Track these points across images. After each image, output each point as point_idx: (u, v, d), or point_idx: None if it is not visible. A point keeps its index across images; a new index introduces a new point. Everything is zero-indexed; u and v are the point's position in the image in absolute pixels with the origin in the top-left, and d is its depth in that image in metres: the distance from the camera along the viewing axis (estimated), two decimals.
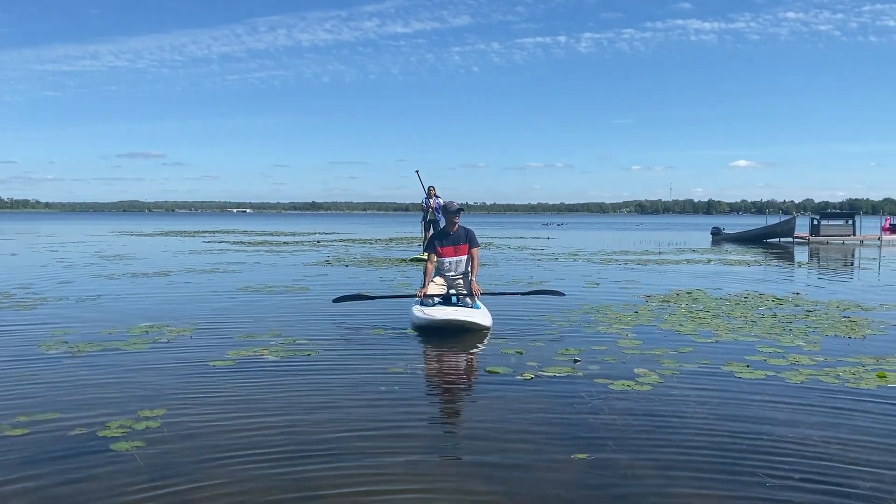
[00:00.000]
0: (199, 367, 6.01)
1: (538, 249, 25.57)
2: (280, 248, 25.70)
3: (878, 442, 4.19)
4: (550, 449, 4.08)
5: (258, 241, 31.58)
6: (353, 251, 23.43)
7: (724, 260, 20.26)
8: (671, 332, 7.72)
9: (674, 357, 6.42)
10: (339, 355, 6.53)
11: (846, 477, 3.65)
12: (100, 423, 4.44)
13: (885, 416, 4.71)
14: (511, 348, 6.82)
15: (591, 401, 5.00)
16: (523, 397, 5.16)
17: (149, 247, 26.32)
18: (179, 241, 30.80)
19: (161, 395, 5.09)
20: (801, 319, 8.69)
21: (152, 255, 21.10)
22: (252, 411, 4.74)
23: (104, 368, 5.96)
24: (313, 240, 33.14)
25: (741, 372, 5.86)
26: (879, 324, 8.38)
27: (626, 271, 16.02)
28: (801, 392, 5.29)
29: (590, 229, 59.60)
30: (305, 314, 8.99)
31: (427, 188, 18.12)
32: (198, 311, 9.18)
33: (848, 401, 5.05)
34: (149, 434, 4.25)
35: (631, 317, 8.83)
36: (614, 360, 6.28)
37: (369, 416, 4.68)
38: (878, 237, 33.87)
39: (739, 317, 8.85)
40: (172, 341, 7.11)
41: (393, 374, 5.78)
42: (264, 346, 6.79)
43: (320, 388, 5.38)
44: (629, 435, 4.30)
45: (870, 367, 6.06)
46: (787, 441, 4.19)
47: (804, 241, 32.52)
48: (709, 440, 4.22)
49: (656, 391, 5.27)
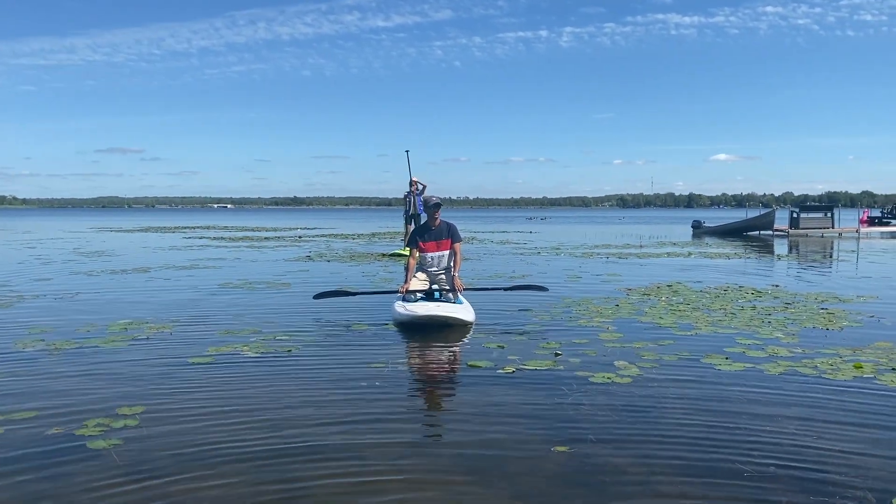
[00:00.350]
0: (179, 364, 5.96)
1: (521, 244, 25.63)
2: (261, 243, 25.56)
3: (854, 432, 4.24)
4: (531, 442, 4.10)
5: (239, 236, 31.39)
6: (335, 246, 23.35)
7: (704, 253, 20.41)
8: (652, 325, 7.77)
9: (654, 349, 6.46)
10: (320, 351, 6.50)
11: (821, 466, 3.69)
12: (77, 421, 4.40)
13: (860, 406, 4.77)
14: (493, 342, 6.83)
15: (572, 394, 5.02)
16: (505, 391, 5.17)
17: (128, 243, 26.08)
18: (159, 238, 30.55)
19: (139, 393, 5.04)
20: (780, 311, 8.77)
21: (131, 252, 20.91)
22: (231, 408, 4.71)
23: (82, 366, 5.90)
24: (295, 235, 32.99)
25: (720, 364, 5.91)
26: (856, 315, 8.48)
27: (608, 265, 16.09)
28: (779, 383, 5.34)
29: (573, 223, 59.82)
30: (286, 310, 8.95)
31: (410, 181, 17.68)
32: (177, 308, 9.11)
33: (825, 392, 5.11)
34: (127, 432, 4.21)
35: (612, 310, 8.87)
36: (595, 353, 6.31)
37: (350, 411, 4.66)
38: (856, 230, 34.28)
39: (719, 309, 8.92)
40: (151, 338, 7.05)
41: (374, 370, 5.77)
42: (244, 343, 6.75)
43: (300, 383, 5.36)
44: (609, 427, 4.32)
45: (847, 358, 6.13)
46: (764, 432, 4.23)
47: (784, 233, 32.83)
48: (688, 432, 4.25)
49: (636, 383, 5.30)
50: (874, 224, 38.94)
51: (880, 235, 34.35)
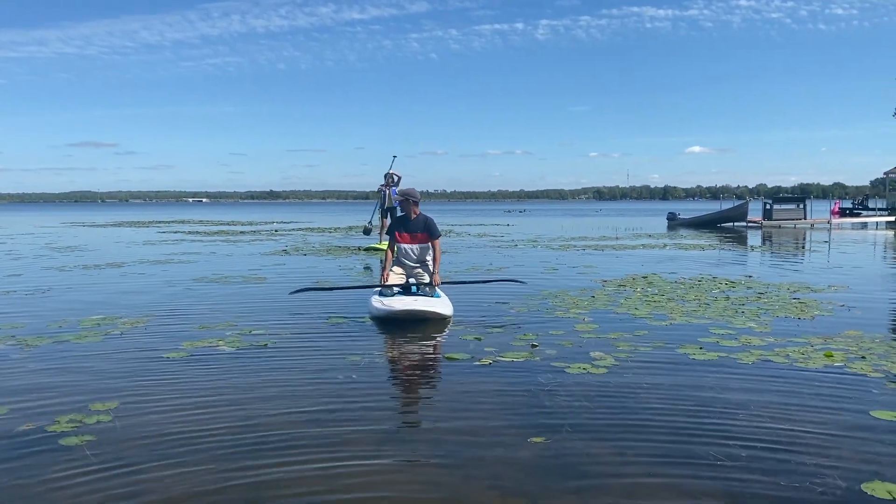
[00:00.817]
0: (153, 358, 5.91)
1: (498, 236, 25.68)
2: (237, 237, 25.36)
3: (824, 418, 4.31)
4: (507, 433, 4.11)
5: (214, 230, 31.12)
6: (311, 240, 23.24)
7: (679, 244, 20.60)
8: (627, 316, 7.83)
9: (629, 340, 6.51)
10: (296, 345, 6.47)
11: (793, 452, 3.75)
12: (49, 417, 4.34)
13: (831, 393, 4.85)
14: (470, 335, 6.84)
15: (549, 384, 5.05)
16: (481, 383, 5.18)
17: (101, 238, 25.75)
18: (133, 232, 30.19)
19: (113, 388, 4.99)
20: (753, 301, 8.88)
21: (105, 247, 20.65)
22: (206, 403, 4.67)
23: (54, 362, 5.82)
24: (271, 229, 32.77)
25: (694, 354, 5.97)
26: (827, 304, 8.61)
27: (584, 256, 16.18)
28: (752, 372, 5.41)
29: (551, 216, 59.98)
30: (262, 304, 8.89)
31: (385, 175, 17.59)
32: (152, 303, 9.01)
33: (796, 379, 5.19)
34: (100, 428, 4.16)
35: (588, 301, 8.92)
36: (571, 345, 6.35)
37: (326, 405, 4.65)
38: (828, 220, 34.81)
39: (693, 300, 9.01)
40: (125, 333, 6.97)
41: (351, 363, 5.75)
42: (219, 337, 6.69)
43: (276, 377, 5.33)
44: (585, 417, 4.36)
45: (818, 346, 6.23)
46: (737, 419, 4.29)
47: (757, 225, 33.22)
48: (662, 421, 4.29)
49: (612, 374, 5.34)
50: (845, 215, 39.54)
51: (851, 226, 34.90)
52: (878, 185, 57.43)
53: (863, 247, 20.50)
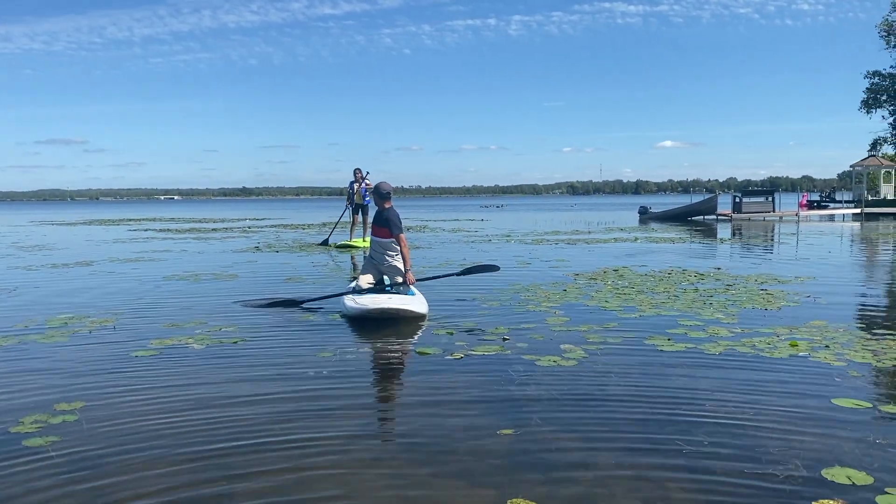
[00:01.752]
0: (121, 357, 5.84)
1: (472, 231, 25.73)
2: (208, 234, 25.12)
3: (788, 407, 4.40)
4: (478, 425, 4.13)
5: (186, 228, 30.80)
6: (284, 237, 23.10)
7: (650, 238, 20.79)
8: (597, 309, 7.90)
9: (599, 332, 6.57)
10: (267, 342, 6.44)
11: (757, 440, 3.81)
12: (13, 418, 4.27)
13: (795, 381, 4.94)
14: (442, 329, 6.86)
15: (519, 377, 5.08)
16: (453, 377, 5.20)
17: (70, 236, 25.36)
18: (103, 230, 29.77)
19: (79, 388, 4.93)
20: (721, 293, 9.00)
21: (74, 245, 20.34)
22: (175, 401, 4.64)
23: (19, 362, 5.73)
24: (243, 226, 32.50)
25: (662, 345, 6.04)
26: (794, 295, 8.76)
27: (557, 250, 16.28)
28: (719, 362, 5.49)
29: (526, 210, 60.18)
30: (233, 302, 8.81)
31: (354, 171, 17.30)
32: (121, 301, 8.91)
33: (762, 369, 5.28)
34: (65, 428, 4.11)
35: (559, 295, 8.98)
36: (542, 338, 6.39)
37: (296, 401, 4.64)
38: (796, 213, 35.33)
39: (663, 292, 9.11)
40: (93, 332, 6.88)
41: (322, 359, 5.74)
42: (189, 335, 6.63)
43: (247, 375, 5.30)
44: (554, 409, 4.39)
45: (783, 336, 6.34)
46: (703, 410, 4.35)
47: (727, 218, 33.64)
48: (630, 411, 4.34)
49: (581, 366, 5.39)
50: (813, 207, 40.16)
51: (819, 218, 35.49)
52: (845, 178, 58.36)
53: (829, 238, 20.85)
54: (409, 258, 8.15)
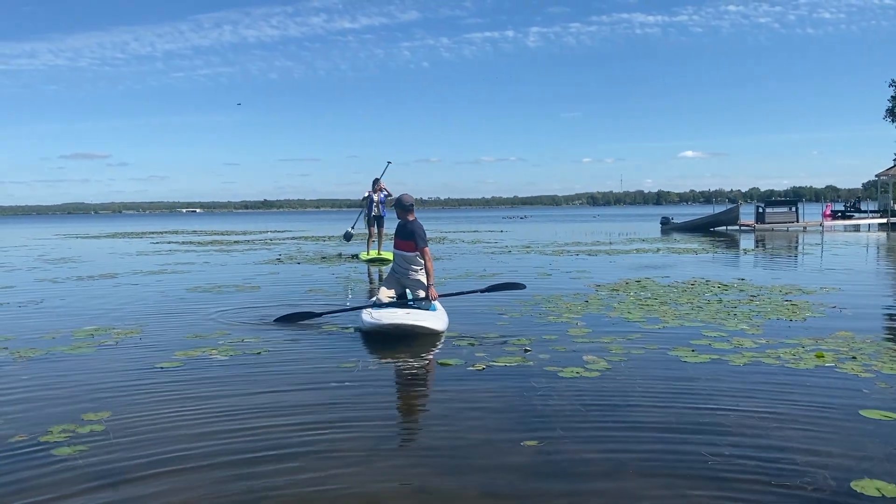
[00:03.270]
0: (146, 368, 5.90)
1: (492, 243, 25.71)
2: (231, 247, 25.33)
3: (815, 418, 4.34)
4: (501, 436, 4.12)
5: (208, 240, 31.08)
6: (305, 249, 23.23)
7: (672, 249, 20.66)
8: (620, 320, 7.85)
9: (622, 344, 6.54)
10: (289, 353, 6.47)
11: (784, 452, 3.77)
12: (42, 428, 4.33)
13: (821, 393, 4.88)
14: (463, 340, 6.86)
15: (541, 389, 5.06)
16: (475, 387, 5.20)
17: (95, 249, 25.68)
18: (126, 243, 30.12)
19: (106, 398, 4.98)
20: (746, 304, 8.92)
21: (98, 258, 20.60)
22: (199, 412, 4.67)
23: (47, 373, 5.81)
24: (265, 238, 32.73)
25: (686, 356, 6.00)
26: (819, 306, 8.66)
27: (578, 261, 16.22)
28: (744, 374, 5.44)
29: (549, 222, 59.95)
30: (255, 313, 8.87)
31: (373, 181, 16.85)
32: (145, 313, 9.00)
33: (787, 380, 5.22)
34: (93, 438, 4.16)
35: (581, 306, 8.95)
36: (564, 349, 6.36)
37: (319, 411, 4.66)
38: (820, 223, 34.94)
39: (686, 303, 9.05)
40: (118, 344, 6.96)
41: (345, 370, 5.76)
42: (213, 346, 6.69)
43: (270, 385, 5.33)
44: (577, 420, 4.37)
45: (809, 347, 6.26)
46: (728, 421, 4.31)
47: (750, 228, 33.35)
48: (654, 422, 4.31)
49: (604, 377, 5.36)
50: (837, 217, 39.68)
51: (843, 229, 35.05)
52: (870, 188, 57.63)
53: (855, 249, 20.60)
54: (433, 272, 8.01)
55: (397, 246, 8.13)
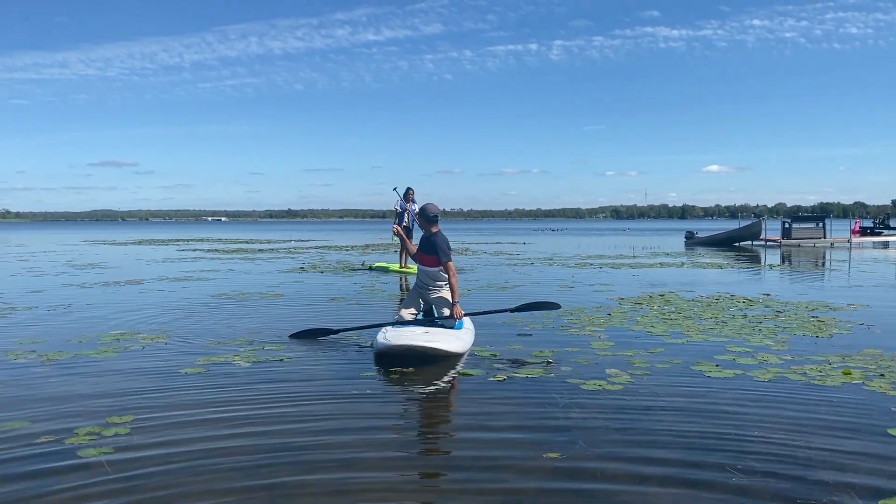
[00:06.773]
0: (170, 373, 5.96)
1: (514, 254, 25.67)
2: (255, 255, 25.54)
3: (842, 436, 4.27)
4: (522, 448, 4.10)
5: (233, 248, 31.36)
6: (328, 258, 23.35)
7: (696, 263, 20.48)
8: (643, 334, 7.80)
9: (645, 357, 6.48)
10: (311, 361, 6.50)
11: (810, 469, 3.71)
12: (67, 430, 4.39)
13: (848, 411, 4.80)
14: (485, 351, 6.84)
15: (564, 401, 5.04)
16: (496, 399, 5.18)
17: (121, 255, 26.02)
18: (153, 250, 30.49)
19: (131, 402, 5.04)
20: (771, 320, 8.81)
21: (125, 264, 20.87)
22: (222, 418, 4.71)
23: (73, 376, 5.89)
24: (289, 247, 32.96)
25: (710, 371, 5.93)
26: (846, 323, 8.53)
27: (601, 274, 16.13)
28: (769, 389, 5.37)
29: (578, 235, 59.50)
30: (278, 320, 8.93)
31: (407, 190, 15.92)
32: (170, 319, 9.10)
33: (814, 397, 5.14)
34: (117, 441, 4.21)
35: (604, 319, 8.89)
36: (587, 362, 6.33)
37: (341, 420, 4.67)
38: (848, 239, 34.44)
39: (710, 318, 8.96)
40: (144, 349, 7.04)
41: (365, 378, 5.77)
42: (235, 353, 6.74)
43: (291, 392, 5.35)
44: (600, 433, 4.34)
45: (836, 364, 6.17)
46: (753, 436, 4.25)
47: (776, 243, 32.96)
48: (678, 437, 4.26)
49: (627, 390, 5.32)
50: (866, 234, 39.10)
51: (872, 245, 34.52)
52: None
53: (884, 266, 20.26)
54: (458, 288, 7.34)
55: (420, 260, 7.55)
